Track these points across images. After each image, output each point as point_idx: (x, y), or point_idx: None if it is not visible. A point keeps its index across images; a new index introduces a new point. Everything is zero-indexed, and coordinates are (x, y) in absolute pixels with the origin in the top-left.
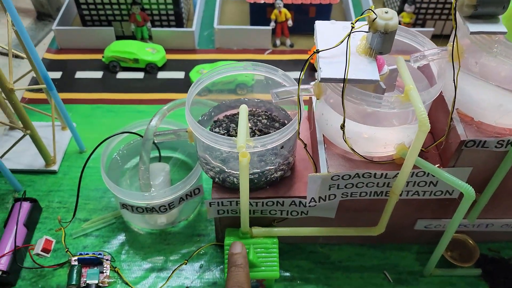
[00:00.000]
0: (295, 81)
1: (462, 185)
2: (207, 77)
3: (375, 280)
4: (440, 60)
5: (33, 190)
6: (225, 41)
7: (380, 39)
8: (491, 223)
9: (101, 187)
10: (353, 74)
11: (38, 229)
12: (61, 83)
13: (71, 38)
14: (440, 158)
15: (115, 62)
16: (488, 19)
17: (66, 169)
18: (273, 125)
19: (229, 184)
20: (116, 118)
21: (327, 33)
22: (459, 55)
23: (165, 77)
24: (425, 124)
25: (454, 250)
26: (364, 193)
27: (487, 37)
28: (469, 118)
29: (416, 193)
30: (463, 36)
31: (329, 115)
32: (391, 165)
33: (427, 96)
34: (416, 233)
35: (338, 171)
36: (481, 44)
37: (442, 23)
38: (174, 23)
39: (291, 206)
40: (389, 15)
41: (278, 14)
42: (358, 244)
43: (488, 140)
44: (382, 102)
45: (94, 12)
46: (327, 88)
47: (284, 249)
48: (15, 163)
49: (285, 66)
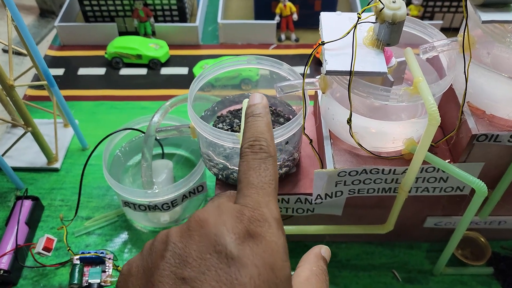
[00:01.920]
0: (300, 75)
1: (473, 181)
2: (209, 71)
3: (384, 279)
4: (450, 51)
5: (35, 188)
6: (229, 36)
7: (388, 30)
8: (504, 220)
9: (103, 185)
10: (359, 67)
11: (40, 227)
12: (64, 79)
13: (74, 34)
14: (450, 153)
15: (118, 58)
16: (501, 8)
17: (69, 167)
18: (278, 120)
19: (233, 181)
20: (119, 115)
21: (332, 25)
22: (470, 45)
23: (169, 73)
24: (435, 118)
25: (465, 248)
26: (371, 190)
27: (499, 26)
28: (480, 112)
29: (425, 189)
30: (474, 26)
31: (335, 109)
32: (400, 161)
33: (437, 88)
34: (426, 231)
35: (344, 167)
36: (493, 34)
37: (451, 16)
38: (178, 18)
39: (296, 203)
40: (396, 4)
41: (283, 8)
42: (366, 242)
43: (501, 134)
44: (390, 95)
45: (96, 8)
46: (333, 82)
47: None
48: (17, 160)
49: (291, 60)
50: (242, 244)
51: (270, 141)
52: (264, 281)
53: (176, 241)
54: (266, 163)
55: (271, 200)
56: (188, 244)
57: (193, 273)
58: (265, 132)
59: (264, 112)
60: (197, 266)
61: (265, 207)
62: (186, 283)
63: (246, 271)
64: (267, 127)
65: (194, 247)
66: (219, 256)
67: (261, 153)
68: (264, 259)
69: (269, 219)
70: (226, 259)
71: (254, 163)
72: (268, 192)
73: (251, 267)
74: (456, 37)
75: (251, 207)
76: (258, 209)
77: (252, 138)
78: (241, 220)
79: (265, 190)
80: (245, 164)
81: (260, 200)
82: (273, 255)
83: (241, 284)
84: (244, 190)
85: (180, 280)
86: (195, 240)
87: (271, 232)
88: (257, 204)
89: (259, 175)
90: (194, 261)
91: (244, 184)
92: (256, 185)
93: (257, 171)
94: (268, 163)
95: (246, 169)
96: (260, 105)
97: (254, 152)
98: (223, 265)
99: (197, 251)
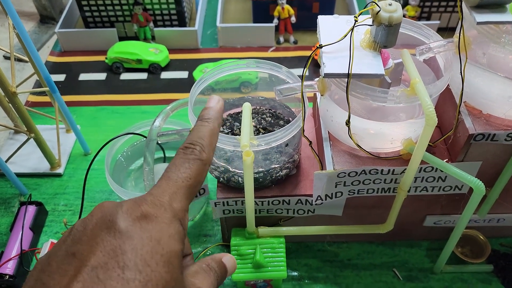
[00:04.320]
0: (299, 78)
1: (471, 180)
2: (208, 76)
3: (385, 278)
4: (446, 52)
5: (39, 193)
6: (228, 40)
7: (385, 32)
8: (503, 218)
9: (106, 189)
10: (357, 69)
11: (44, 232)
12: (65, 85)
13: (74, 40)
14: (448, 152)
15: (118, 63)
16: (495, 9)
17: (72, 172)
18: (277, 122)
19: (234, 184)
20: (120, 119)
21: (330, 28)
22: (466, 46)
23: (169, 77)
24: (432, 118)
25: (464, 246)
26: (371, 190)
27: (494, 27)
28: (477, 111)
29: (424, 189)
30: (470, 26)
31: (334, 111)
32: (398, 161)
33: (434, 89)
34: (426, 229)
35: (344, 168)
36: (488, 35)
37: (448, 16)
38: (177, 22)
39: (297, 204)
40: (393, 7)
41: (281, 10)
42: (367, 242)
43: (498, 133)
44: (388, 97)
45: (96, 13)
46: (331, 84)
47: (291, 248)
48: (20, 166)
49: (290, 63)
50: (134, 222)
51: (207, 147)
52: (148, 251)
53: (77, 225)
54: (191, 163)
55: (179, 192)
56: (86, 226)
57: (82, 248)
58: (204, 138)
59: (213, 117)
60: (87, 242)
61: (168, 196)
62: (75, 256)
63: (130, 242)
64: (209, 133)
65: (90, 227)
66: (109, 231)
67: (190, 155)
68: (152, 234)
69: (166, 205)
70: (114, 233)
71: (179, 161)
72: (179, 185)
73: (136, 239)
74: (452, 38)
75: (154, 194)
76: (160, 196)
77: (189, 141)
78: (139, 205)
79: (177, 183)
80: (173, 161)
81: (167, 190)
82: (161, 231)
83: (123, 253)
84: (159, 181)
85: (71, 255)
86: (92, 222)
87: (164, 216)
88: (162, 192)
89: (178, 170)
90: (87, 238)
91: (162, 177)
92: (170, 178)
93: (177, 167)
94: (193, 164)
95: (170, 165)
96: (211, 110)
97: (185, 153)
98: (111, 237)
99: (91, 230)
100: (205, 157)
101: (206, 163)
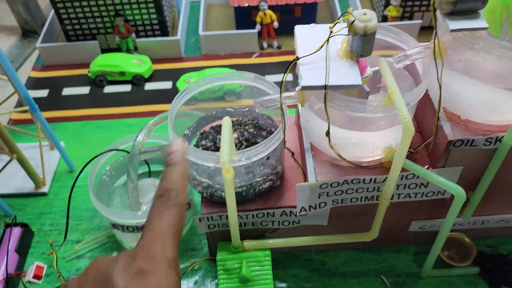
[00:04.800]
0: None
1: (451, 186)
2: (188, 90)
3: (372, 285)
4: (423, 58)
5: (24, 213)
6: (211, 47)
7: (361, 42)
8: (487, 220)
9: (92, 206)
10: (334, 80)
11: (31, 253)
12: (49, 101)
13: (56, 54)
14: (429, 158)
15: (101, 77)
16: (468, 15)
17: (57, 190)
18: (260, 134)
19: (218, 198)
20: (105, 134)
21: (307, 38)
22: (442, 52)
23: (153, 88)
24: (409, 129)
25: (451, 249)
26: (354, 199)
27: (468, 33)
28: (456, 117)
29: (407, 195)
30: (445, 33)
31: (314, 122)
32: (380, 169)
33: (412, 97)
34: (412, 234)
35: (326, 179)
36: (463, 41)
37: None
38: (159, 32)
39: (282, 216)
40: (367, 16)
41: (263, 16)
42: (354, 249)
43: (476, 139)
44: (366, 107)
45: (77, 26)
46: (310, 95)
47: (279, 258)
48: (4, 186)
49: (274, 68)
50: (131, 279)
51: (181, 190)
52: None
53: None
54: (171, 209)
55: (167, 241)
56: (81, 285)
57: None
58: (176, 182)
59: (180, 160)
60: None
61: (159, 248)
62: None
63: None
64: (181, 176)
65: (86, 286)
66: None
67: (168, 202)
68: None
69: (161, 258)
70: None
71: (159, 210)
72: (165, 234)
73: None
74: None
75: (145, 248)
76: (151, 250)
77: (163, 188)
78: (134, 259)
79: (163, 233)
80: (152, 211)
81: (156, 241)
82: (159, 285)
83: None
84: (145, 233)
85: None
86: (88, 281)
87: (160, 270)
88: (152, 245)
89: (160, 220)
90: None
91: (146, 228)
92: (155, 229)
93: (159, 217)
94: (172, 209)
95: (151, 215)
96: (177, 153)
97: (161, 201)
98: None
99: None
100: (181, 200)
101: (183, 207)
